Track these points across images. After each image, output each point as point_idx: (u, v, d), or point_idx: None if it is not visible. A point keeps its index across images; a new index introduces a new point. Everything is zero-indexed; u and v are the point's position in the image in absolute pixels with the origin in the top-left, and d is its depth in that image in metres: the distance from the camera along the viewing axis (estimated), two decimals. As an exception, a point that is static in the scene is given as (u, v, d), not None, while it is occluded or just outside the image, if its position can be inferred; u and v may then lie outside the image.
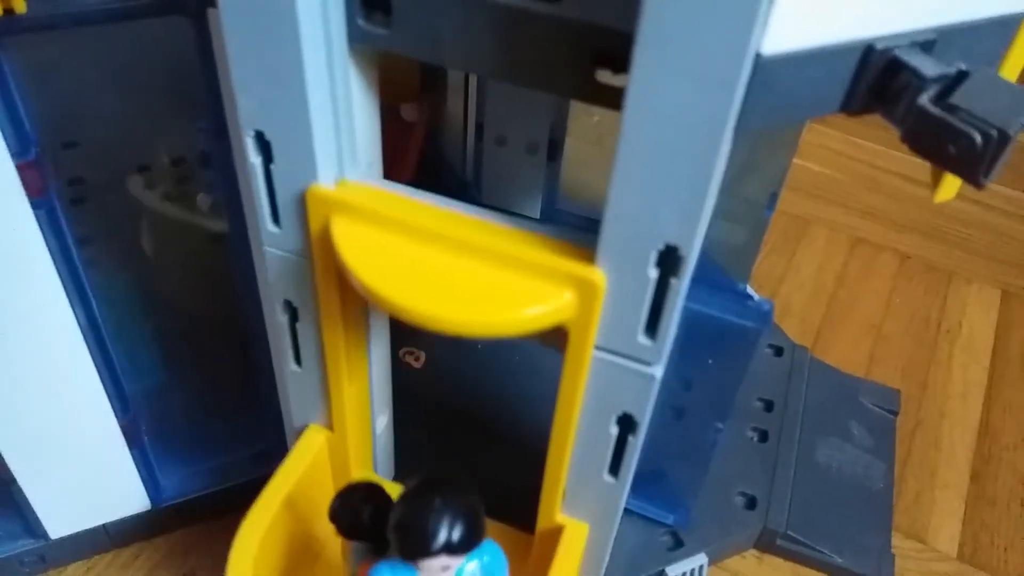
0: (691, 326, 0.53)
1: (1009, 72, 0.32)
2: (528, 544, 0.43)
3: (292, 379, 0.42)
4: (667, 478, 0.55)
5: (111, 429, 0.48)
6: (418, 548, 0.32)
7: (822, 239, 0.88)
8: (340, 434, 0.43)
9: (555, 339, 0.33)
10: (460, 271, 0.31)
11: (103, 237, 0.47)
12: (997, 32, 0.30)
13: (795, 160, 1.00)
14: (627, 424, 0.35)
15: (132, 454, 0.50)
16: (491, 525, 0.36)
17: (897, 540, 0.62)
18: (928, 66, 0.27)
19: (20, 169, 0.35)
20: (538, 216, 0.72)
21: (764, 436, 0.64)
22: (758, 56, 0.25)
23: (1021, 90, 0.27)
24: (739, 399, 0.65)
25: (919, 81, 0.27)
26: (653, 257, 0.29)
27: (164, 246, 0.51)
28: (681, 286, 0.29)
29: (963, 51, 0.29)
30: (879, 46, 0.27)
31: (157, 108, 0.43)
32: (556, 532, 0.40)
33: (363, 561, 0.38)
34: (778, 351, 0.71)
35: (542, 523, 0.41)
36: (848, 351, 0.77)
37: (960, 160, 0.26)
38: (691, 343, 0.55)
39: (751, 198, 0.66)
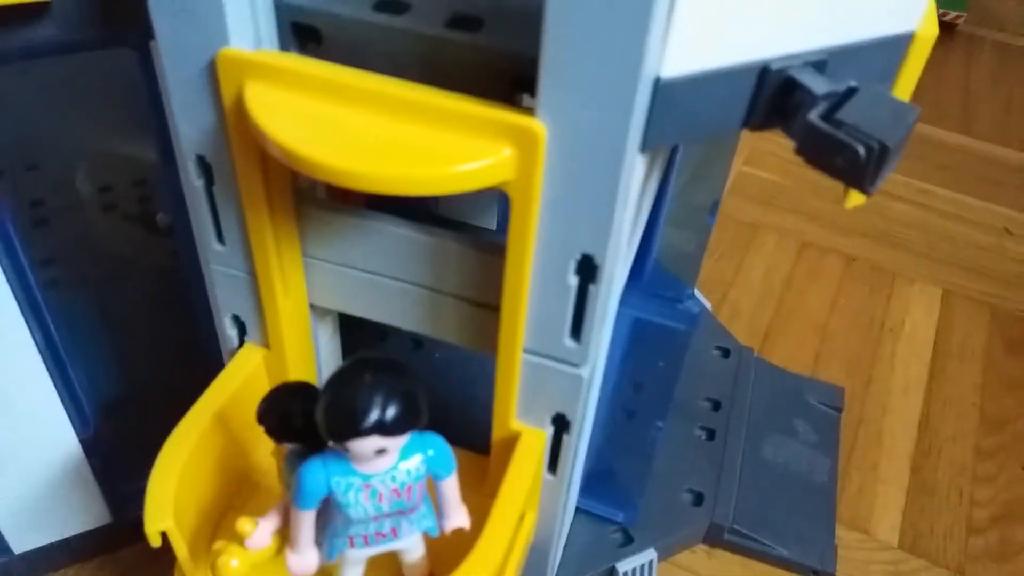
0: (630, 330, 0.56)
1: (904, 87, 0.34)
2: (485, 465, 0.41)
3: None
4: (615, 477, 0.58)
5: (71, 445, 0.50)
6: (347, 427, 0.29)
7: (771, 244, 0.91)
8: (278, 350, 0.40)
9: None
10: (391, 129, 0.28)
11: (64, 258, 0.48)
12: (886, 51, 0.32)
13: (744, 168, 1.03)
14: (561, 423, 0.37)
15: (93, 468, 0.51)
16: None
17: (840, 531, 0.64)
18: (819, 84, 0.29)
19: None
20: (494, 228, 0.74)
21: (711, 435, 0.66)
22: (658, 79, 0.28)
23: (902, 105, 0.30)
24: (687, 399, 0.67)
25: (810, 98, 0.29)
26: (572, 266, 0.31)
27: (123, 265, 0.53)
28: (599, 291, 0.31)
29: (855, 69, 0.32)
30: (774, 66, 0.30)
31: (112, 132, 0.44)
32: (512, 441, 0.38)
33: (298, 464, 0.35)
34: (725, 352, 0.73)
35: (497, 433, 0.39)
36: (795, 351, 0.79)
37: (848, 171, 0.29)
38: (632, 346, 0.58)
39: (696, 204, 0.69)
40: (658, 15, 0.25)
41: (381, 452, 0.30)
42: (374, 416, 0.29)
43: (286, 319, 0.39)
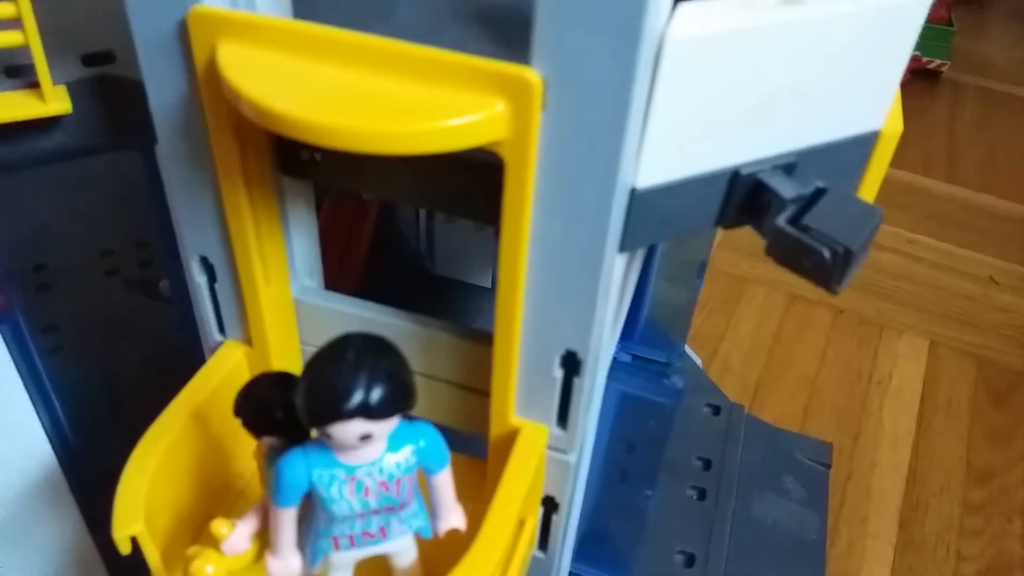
0: (618, 402, 0.57)
1: (871, 181, 0.36)
2: (483, 471, 0.38)
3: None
4: (608, 540, 0.59)
5: (73, 516, 0.51)
6: (328, 409, 0.27)
7: (760, 297, 0.93)
8: (261, 348, 0.37)
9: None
10: (374, 84, 0.26)
11: (67, 324, 0.49)
12: (853, 149, 0.34)
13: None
14: (550, 505, 0.38)
15: (97, 545, 0.52)
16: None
17: (830, 589, 0.65)
18: (787, 188, 0.31)
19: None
20: (489, 286, 0.75)
21: (703, 494, 0.67)
22: (634, 190, 0.29)
23: (867, 207, 0.31)
24: (679, 459, 0.68)
25: (779, 202, 0.31)
26: (557, 360, 0.32)
27: (125, 332, 0.54)
28: (584, 384, 0.33)
29: (823, 168, 0.33)
30: (744, 171, 0.31)
31: (116, 217, 0.46)
32: (511, 438, 0.35)
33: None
34: (716, 410, 0.74)
35: (495, 429, 0.36)
36: (784, 405, 0.80)
37: (815, 272, 0.30)
38: (620, 415, 0.59)
39: (686, 260, 0.71)
40: (631, 132, 0.26)
41: (366, 439, 0.28)
42: (358, 397, 0.26)
43: (268, 311, 0.36)
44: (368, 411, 0.27)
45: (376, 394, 0.26)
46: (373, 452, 0.29)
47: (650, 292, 0.70)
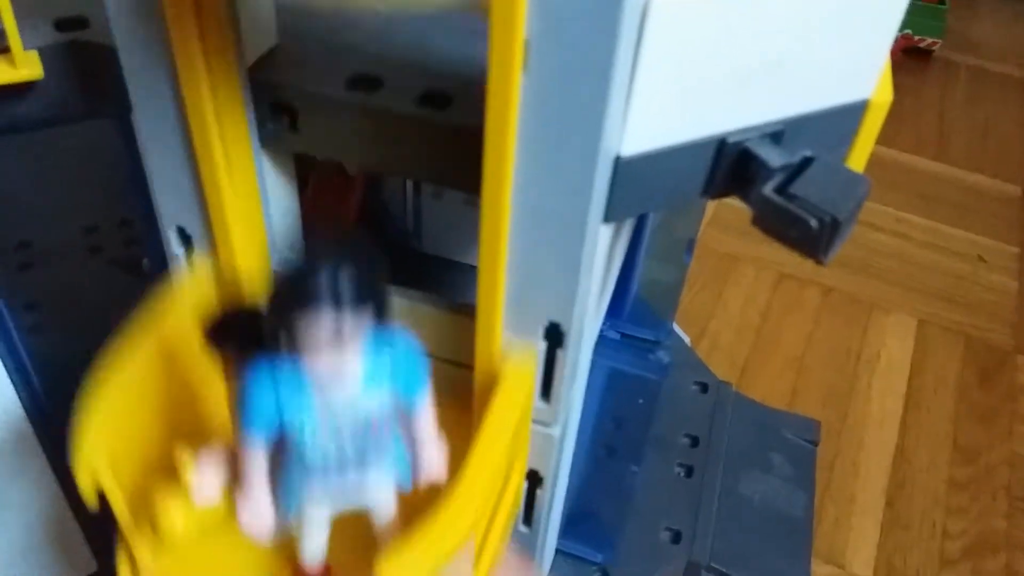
0: (606, 378, 0.57)
1: (860, 151, 0.35)
2: (469, 416, 0.36)
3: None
4: (594, 517, 0.58)
5: (51, 488, 0.50)
6: (295, 299, 0.25)
7: (750, 276, 0.92)
8: (228, 260, 0.34)
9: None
10: None
11: (49, 302, 0.49)
12: (842, 118, 0.34)
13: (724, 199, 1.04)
14: (534, 479, 0.38)
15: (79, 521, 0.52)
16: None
17: (816, 566, 0.65)
18: (774, 157, 0.31)
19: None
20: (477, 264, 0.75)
21: (690, 471, 0.67)
22: (618, 158, 0.29)
23: (854, 176, 0.31)
24: (666, 436, 0.68)
25: (766, 171, 0.30)
26: (540, 331, 0.32)
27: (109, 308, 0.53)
28: (567, 356, 0.32)
29: (812, 137, 0.33)
30: (731, 140, 0.31)
31: (99, 192, 0.45)
32: (496, 373, 0.33)
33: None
34: (703, 388, 0.74)
35: (480, 362, 0.33)
36: (772, 384, 0.80)
37: (802, 242, 0.30)
38: (608, 391, 0.59)
39: (677, 237, 0.70)
40: (615, 98, 0.26)
41: (337, 340, 0.25)
42: (325, 279, 0.25)
43: (247, 285, 0.34)
44: (336, 297, 0.25)
45: (345, 279, 0.25)
46: (347, 382, 0.27)
47: (639, 270, 0.70)
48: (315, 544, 0.31)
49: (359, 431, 0.28)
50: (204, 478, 0.31)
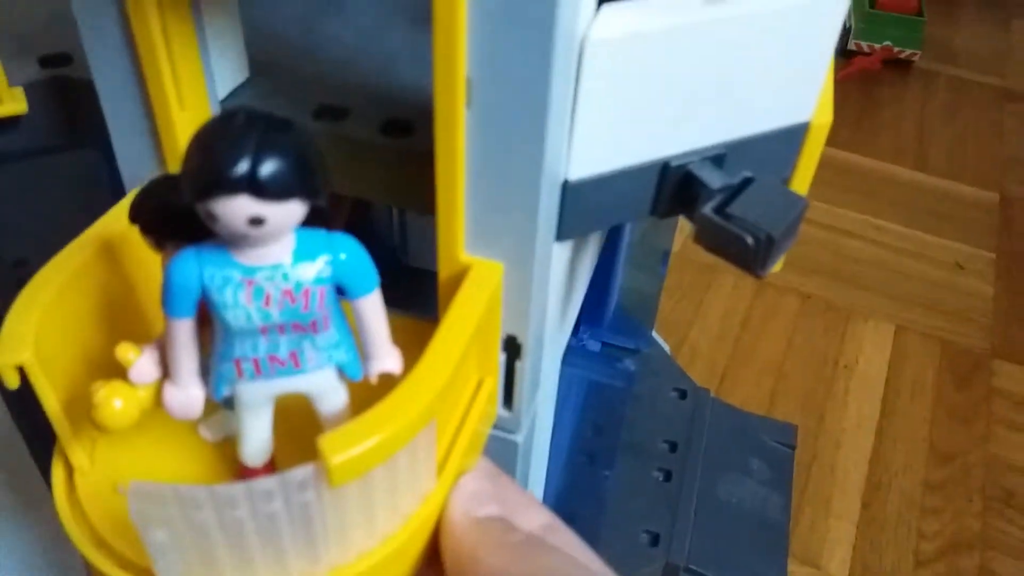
0: (574, 385, 0.59)
1: (803, 171, 0.37)
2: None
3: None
4: (571, 522, 0.60)
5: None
6: (209, 176, 0.22)
7: (729, 285, 0.94)
8: None
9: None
10: None
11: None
12: (783, 141, 0.36)
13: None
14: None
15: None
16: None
17: (793, 567, 0.67)
18: (715, 179, 0.33)
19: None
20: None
21: (668, 476, 0.69)
22: (566, 182, 0.31)
23: (792, 196, 0.33)
24: (645, 441, 0.70)
25: (707, 192, 0.32)
26: (499, 344, 0.34)
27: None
28: (525, 366, 0.34)
29: (754, 159, 0.35)
30: (674, 163, 0.33)
31: (88, 214, 0.47)
32: (460, 277, 0.31)
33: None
34: (682, 394, 0.76)
35: (443, 270, 0.32)
36: (751, 390, 0.82)
37: (739, 258, 0.32)
38: (584, 400, 0.61)
39: (657, 246, 0.72)
40: (555, 129, 0.28)
41: (258, 224, 0.23)
42: (243, 164, 0.22)
43: (185, 140, 0.32)
44: (255, 185, 0.22)
45: (267, 165, 0.22)
46: (276, 254, 0.25)
47: (618, 280, 0.72)
48: (256, 440, 0.29)
49: (287, 297, 0.25)
50: (142, 363, 0.27)
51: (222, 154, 0.22)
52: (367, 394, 0.27)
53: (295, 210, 0.24)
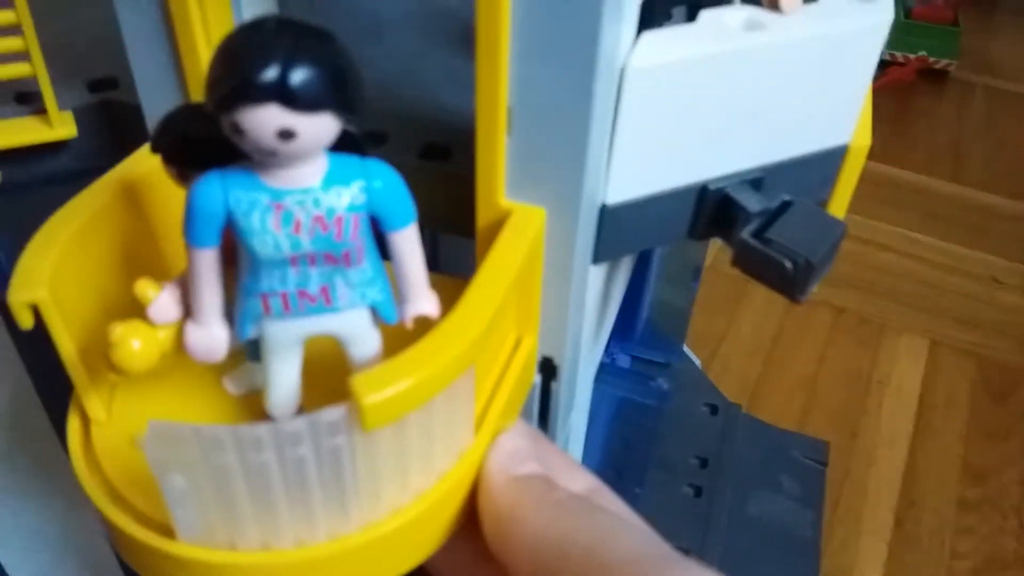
0: (605, 402, 0.59)
1: (841, 194, 0.37)
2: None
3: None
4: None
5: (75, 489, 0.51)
6: (236, 87, 0.21)
7: (760, 298, 0.94)
8: None
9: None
10: None
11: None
12: (822, 164, 0.35)
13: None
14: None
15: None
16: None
17: (824, 585, 0.66)
18: (753, 202, 0.33)
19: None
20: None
21: (699, 492, 0.69)
22: (604, 206, 0.31)
23: (830, 220, 0.33)
24: (676, 457, 0.70)
25: (745, 215, 0.32)
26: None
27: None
28: (561, 388, 0.34)
29: (792, 182, 0.35)
30: (712, 186, 0.33)
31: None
32: (500, 224, 0.29)
33: None
34: (713, 409, 0.76)
35: (483, 216, 0.30)
36: (783, 405, 0.82)
37: (778, 282, 0.32)
38: (614, 416, 0.61)
39: (688, 260, 0.72)
40: (594, 155, 0.28)
41: (287, 137, 0.21)
42: (272, 70, 0.20)
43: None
44: (285, 92, 0.20)
45: (297, 72, 0.20)
46: (307, 176, 0.23)
47: (649, 294, 0.72)
48: (284, 388, 0.27)
49: (318, 224, 0.23)
50: (162, 300, 0.25)
51: (250, 59, 0.20)
52: (401, 342, 0.24)
53: (328, 125, 0.22)
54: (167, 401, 0.29)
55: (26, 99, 0.35)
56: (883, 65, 1.31)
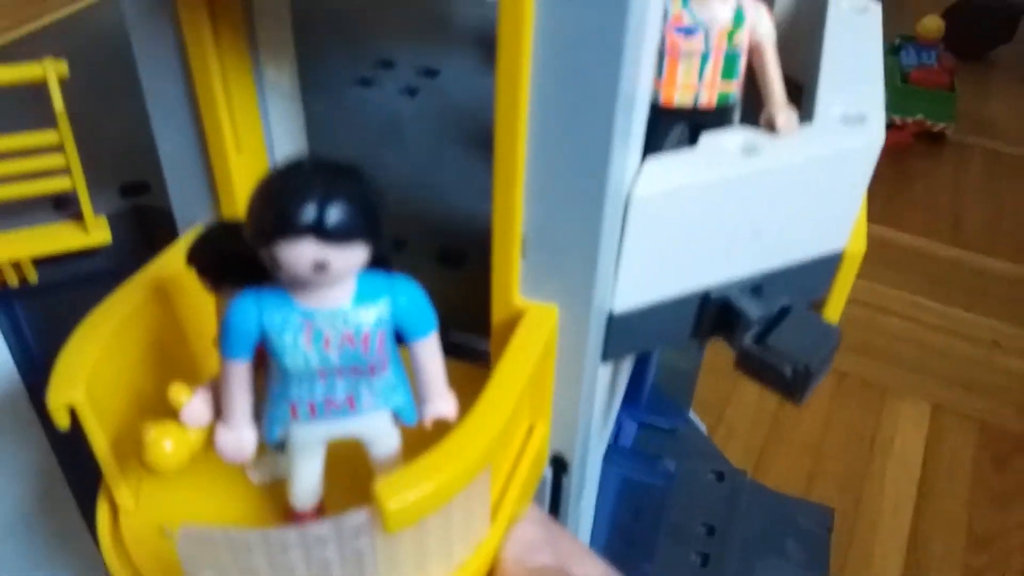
0: (613, 480, 0.60)
1: (837, 296, 0.39)
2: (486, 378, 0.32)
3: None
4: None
5: (43, 447, 0.48)
6: (274, 220, 0.22)
7: (765, 361, 0.95)
8: None
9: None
10: None
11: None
12: (818, 269, 0.37)
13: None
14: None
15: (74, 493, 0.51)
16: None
17: (830, 655, 0.67)
18: (753, 309, 0.34)
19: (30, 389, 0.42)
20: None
21: (706, 560, 0.70)
22: (611, 314, 0.33)
23: (826, 327, 0.34)
24: (683, 524, 0.71)
25: (746, 321, 0.34)
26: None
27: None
28: (572, 482, 0.36)
29: (790, 287, 0.37)
30: (714, 294, 0.35)
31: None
32: (515, 323, 0.30)
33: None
34: (719, 476, 0.77)
35: (498, 313, 0.31)
36: (788, 470, 0.83)
37: (779, 387, 0.33)
38: (617, 493, 0.62)
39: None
40: (603, 272, 0.30)
41: (322, 269, 0.23)
42: (310, 207, 0.22)
43: (241, 183, 0.32)
44: (321, 229, 0.22)
45: (332, 210, 0.22)
46: (336, 297, 0.25)
47: (655, 360, 0.74)
48: (307, 483, 0.28)
49: (347, 341, 0.25)
50: (195, 404, 0.27)
51: (290, 198, 0.22)
52: (419, 437, 0.27)
53: (359, 254, 0.24)
54: (193, 490, 0.31)
55: (63, 204, 0.37)
56: (883, 126, 1.33)
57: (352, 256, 0.23)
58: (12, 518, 0.49)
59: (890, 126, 1.36)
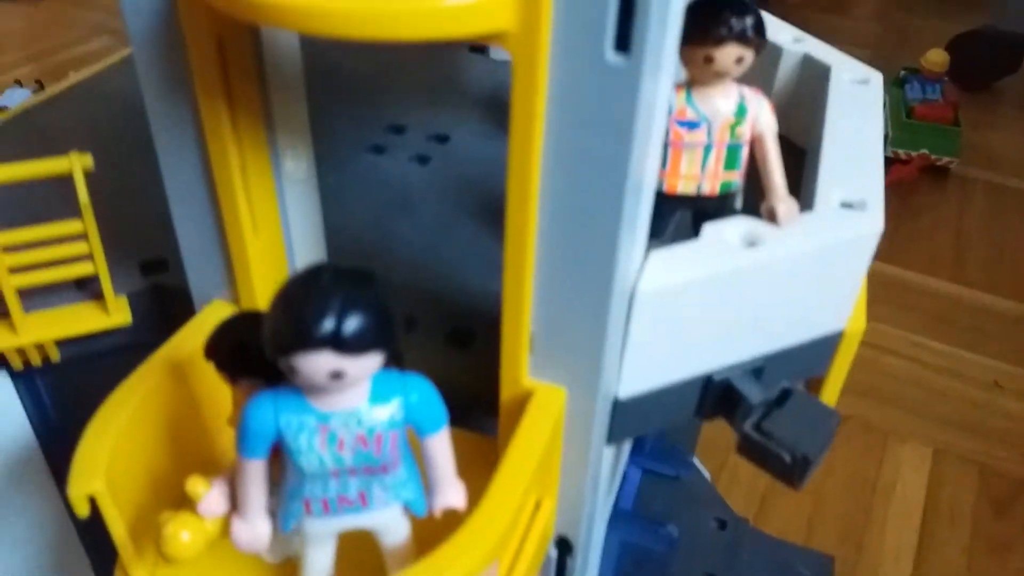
0: (618, 548, 0.61)
1: (836, 374, 0.40)
2: (494, 449, 0.34)
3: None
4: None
5: (56, 505, 0.48)
6: (293, 335, 0.23)
7: (767, 403, 0.96)
8: (250, 306, 0.34)
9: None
10: None
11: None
12: (818, 349, 0.38)
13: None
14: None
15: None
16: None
17: None
18: (754, 393, 0.35)
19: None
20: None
21: (708, 610, 0.70)
22: (616, 400, 0.33)
23: (825, 412, 0.35)
24: (686, 574, 0.71)
25: (747, 405, 0.35)
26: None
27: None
28: (576, 563, 0.37)
29: (791, 367, 0.37)
30: (716, 377, 0.35)
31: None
32: (524, 402, 0.31)
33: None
34: (722, 524, 0.77)
35: (506, 392, 0.32)
36: (790, 516, 0.83)
37: (778, 472, 0.34)
38: (622, 558, 0.63)
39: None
40: (609, 362, 0.31)
41: (338, 377, 0.24)
42: (327, 323, 0.23)
43: (257, 265, 0.33)
44: (338, 341, 0.23)
45: (349, 322, 0.23)
46: (351, 399, 0.26)
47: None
48: (319, 570, 0.29)
49: (360, 442, 0.26)
50: (212, 497, 0.28)
51: (309, 312, 0.23)
52: (429, 524, 0.28)
53: (374, 361, 0.24)
54: (207, 569, 0.31)
55: (84, 284, 0.38)
56: (886, 163, 1.34)
57: (367, 364, 0.24)
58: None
59: (895, 161, 1.37)
